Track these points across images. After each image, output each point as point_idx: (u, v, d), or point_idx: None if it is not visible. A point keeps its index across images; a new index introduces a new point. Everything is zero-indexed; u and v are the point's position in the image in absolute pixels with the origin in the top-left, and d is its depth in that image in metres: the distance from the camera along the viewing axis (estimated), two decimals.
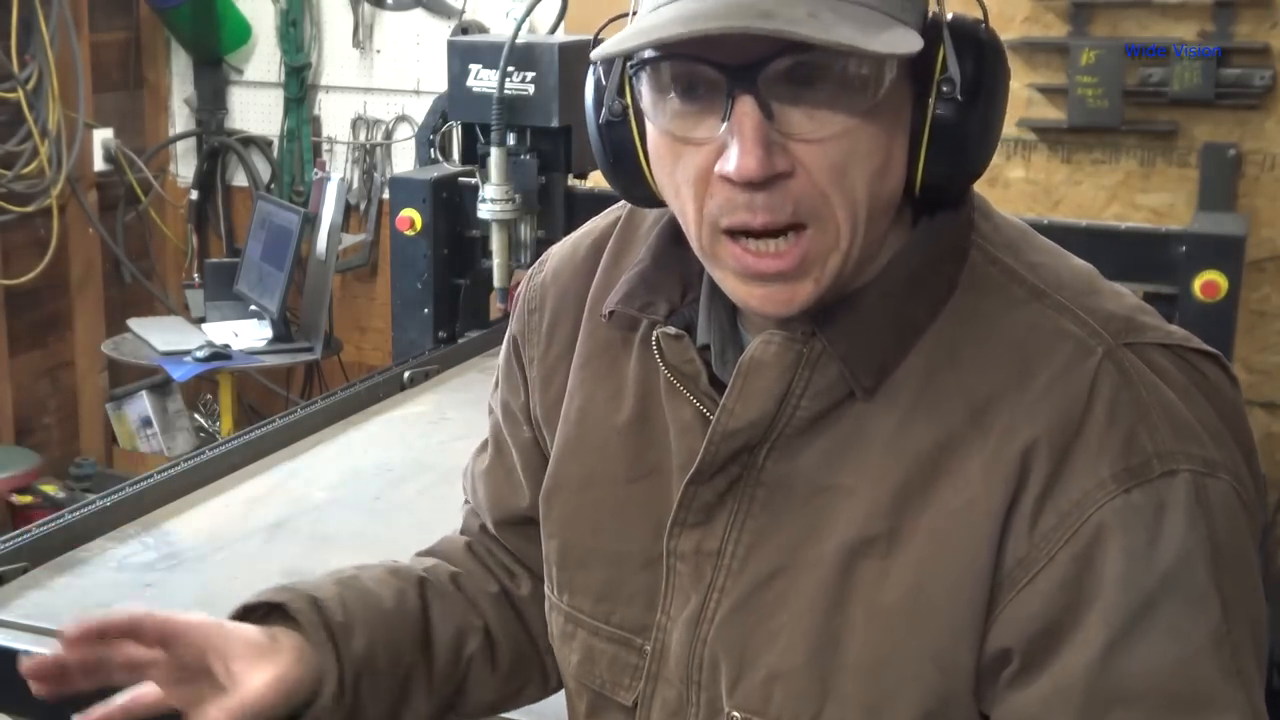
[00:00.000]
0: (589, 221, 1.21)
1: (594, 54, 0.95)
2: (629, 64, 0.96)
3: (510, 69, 3.00)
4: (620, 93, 1.00)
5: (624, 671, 1.08)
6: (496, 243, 3.07)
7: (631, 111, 0.99)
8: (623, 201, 1.17)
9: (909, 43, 0.89)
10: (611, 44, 0.92)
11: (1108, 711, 0.91)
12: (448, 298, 3.22)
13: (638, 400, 1.08)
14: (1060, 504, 0.92)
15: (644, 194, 1.03)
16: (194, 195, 4.98)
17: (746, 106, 0.89)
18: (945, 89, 0.93)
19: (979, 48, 0.95)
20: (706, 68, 0.90)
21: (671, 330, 1.04)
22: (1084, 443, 0.93)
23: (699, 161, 0.93)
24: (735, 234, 0.93)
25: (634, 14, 0.95)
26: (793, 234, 0.92)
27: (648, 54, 0.93)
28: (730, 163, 0.89)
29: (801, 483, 1.00)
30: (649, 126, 0.97)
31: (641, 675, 1.07)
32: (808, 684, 0.98)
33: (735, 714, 1.01)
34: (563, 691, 1.19)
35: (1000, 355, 0.96)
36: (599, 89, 1.02)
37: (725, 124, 0.90)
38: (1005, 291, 0.99)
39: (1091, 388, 0.93)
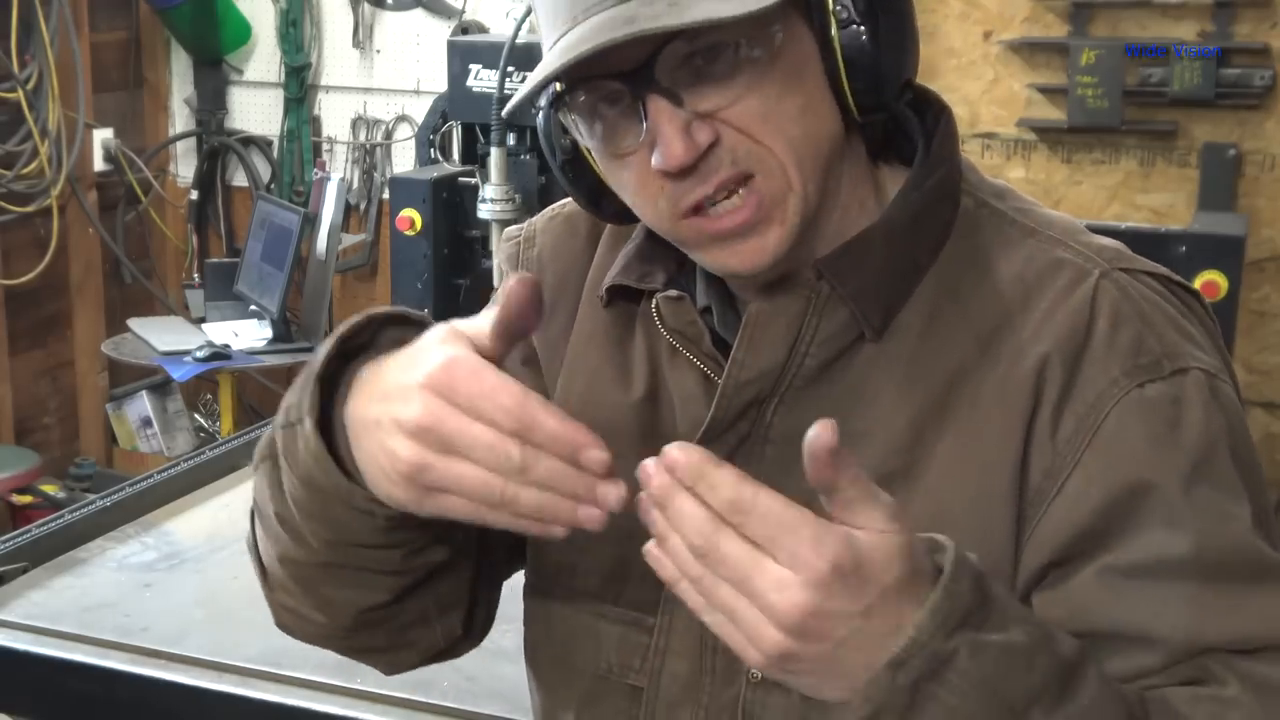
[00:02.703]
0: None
1: (504, 111, 1.02)
2: (551, 106, 1.00)
3: (510, 69, 3.01)
4: (564, 131, 1.03)
5: (634, 652, 1.08)
6: (496, 243, 3.08)
7: (581, 144, 1.03)
8: None
9: None
10: (519, 93, 0.96)
11: (1167, 584, 0.92)
12: (448, 298, 3.22)
13: (648, 377, 1.09)
14: (1077, 408, 0.95)
15: (624, 213, 1.05)
16: (194, 195, 4.97)
17: (656, 103, 0.93)
18: (842, 15, 0.96)
19: None
20: (608, 82, 0.94)
21: (672, 293, 1.05)
22: (1092, 350, 0.96)
23: (638, 167, 0.96)
24: (695, 209, 0.96)
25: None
26: (744, 188, 0.95)
27: (556, 89, 0.97)
28: (659, 159, 0.93)
29: None
30: (594, 153, 1.01)
31: (651, 653, 1.07)
32: None
33: (756, 673, 1.01)
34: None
35: (1001, 287, 1.00)
36: (549, 133, 1.06)
37: (645, 125, 0.93)
38: (999, 231, 1.02)
39: (1093, 302, 0.97)
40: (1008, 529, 0.96)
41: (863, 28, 0.96)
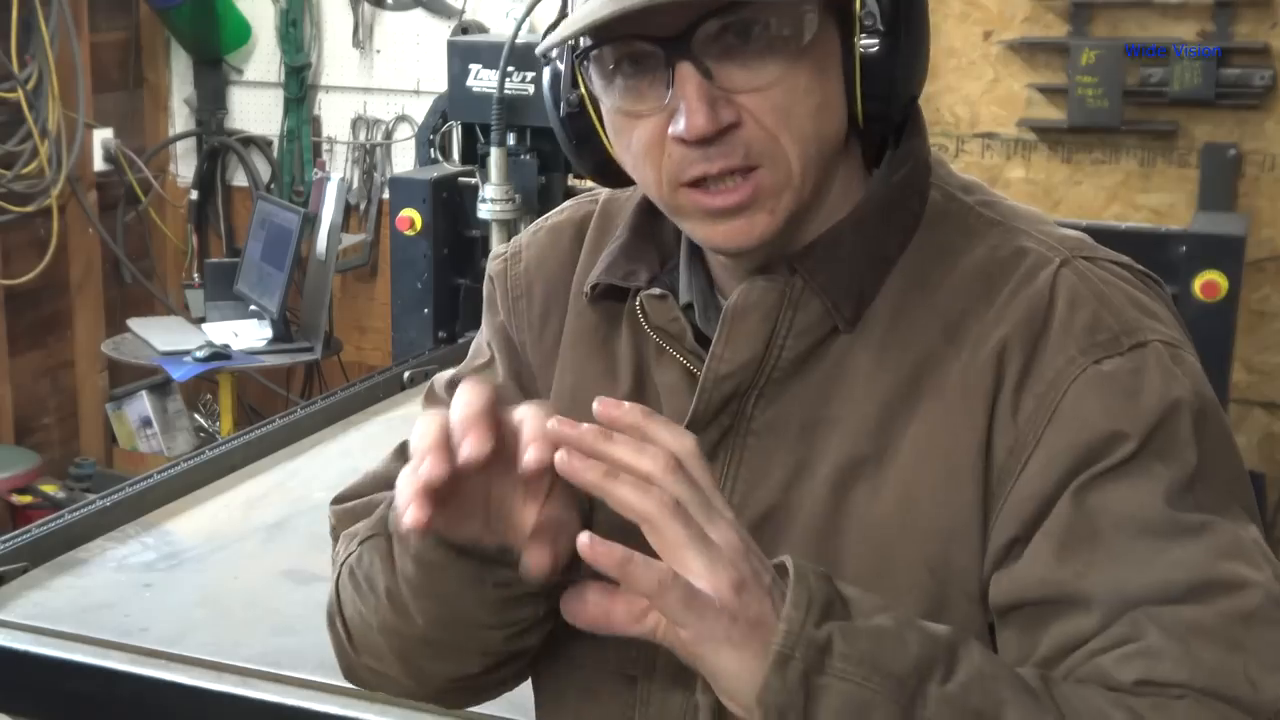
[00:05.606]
0: (560, 209, 1.24)
1: (538, 49, 1.03)
2: (575, 56, 1.03)
3: (510, 69, 3.01)
4: (574, 84, 1.06)
5: (630, 640, 1.09)
6: (496, 243, 3.08)
7: (587, 99, 1.06)
8: (595, 192, 1.22)
9: None
10: (552, 37, 1.00)
11: (1089, 543, 0.94)
12: (448, 298, 3.23)
13: (633, 375, 1.11)
14: (1036, 388, 0.97)
15: (612, 175, 1.09)
16: (194, 195, 4.98)
17: (686, 71, 0.95)
18: (867, 22, 0.99)
19: None
20: (642, 43, 0.96)
21: (655, 291, 1.08)
22: (1050, 332, 0.98)
23: (651, 129, 0.99)
24: (695, 183, 0.99)
25: (570, 9, 1.03)
26: (744, 175, 0.98)
27: (587, 42, 1.00)
28: (680, 124, 0.96)
29: (790, 424, 1.04)
30: (604, 108, 1.04)
31: (646, 641, 1.08)
32: None
33: None
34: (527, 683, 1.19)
35: (967, 277, 1.02)
36: (555, 85, 1.09)
37: (670, 91, 0.96)
38: (965, 223, 1.05)
39: (1053, 287, 0.99)
40: (975, 508, 0.98)
41: (885, 40, 0.99)
